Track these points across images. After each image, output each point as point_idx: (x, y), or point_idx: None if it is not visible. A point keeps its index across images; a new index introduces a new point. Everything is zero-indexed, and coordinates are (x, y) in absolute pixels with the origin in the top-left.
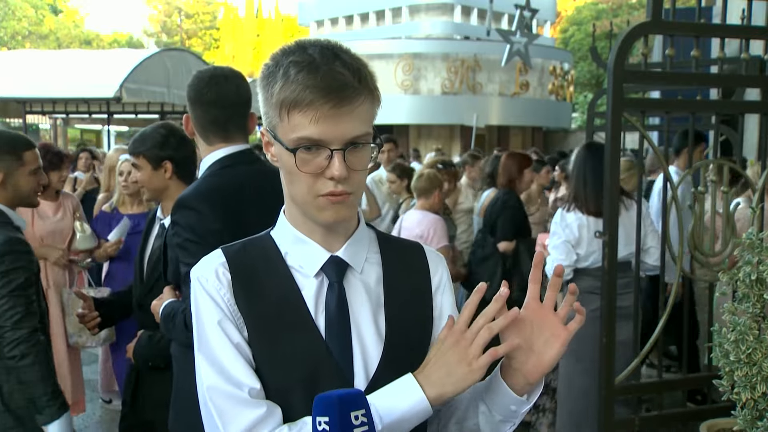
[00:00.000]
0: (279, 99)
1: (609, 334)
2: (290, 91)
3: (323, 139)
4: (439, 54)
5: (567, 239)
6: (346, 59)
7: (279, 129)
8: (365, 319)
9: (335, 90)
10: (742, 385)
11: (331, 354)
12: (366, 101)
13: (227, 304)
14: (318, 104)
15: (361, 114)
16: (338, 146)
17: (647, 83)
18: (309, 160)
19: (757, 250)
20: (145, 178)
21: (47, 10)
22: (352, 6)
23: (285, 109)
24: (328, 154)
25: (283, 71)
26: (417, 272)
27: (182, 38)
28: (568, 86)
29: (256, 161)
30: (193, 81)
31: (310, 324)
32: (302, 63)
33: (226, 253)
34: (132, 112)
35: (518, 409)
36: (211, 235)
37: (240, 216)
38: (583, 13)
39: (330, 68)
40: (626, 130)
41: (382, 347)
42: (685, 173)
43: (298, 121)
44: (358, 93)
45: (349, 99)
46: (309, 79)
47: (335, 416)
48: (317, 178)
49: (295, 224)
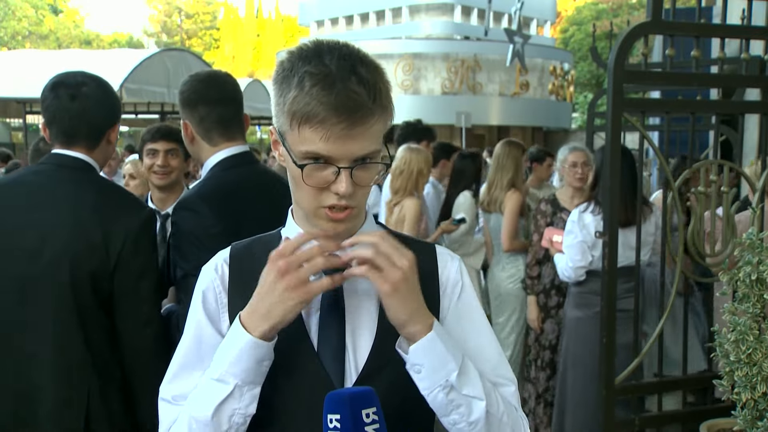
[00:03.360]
0: (291, 110)
1: (609, 335)
2: (304, 104)
3: (332, 156)
4: (439, 54)
5: (584, 240)
6: (363, 74)
7: (288, 136)
8: (362, 319)
9: (349, 110)
10: (743, 385)
11: (316, 353)
12: (379, 121)
13: (217, 296)
14: (330, 123)
15: (373, 133)
16: (346, 164)
17: (647, 83)
18: (315, 174)
19: (757, 250)
20: (178, 166)
21: (47, 10)
22: (353, 6)
23: (296, 121)
24: (335, 170)
25: (298, 80)
26: (423, 273)
27: (182, 38)
28: (568, 86)
29: (257, 162)
30: (190, 84)
31: (297, 323)
32: (318, 75)
33: (232, 249)
34: (132, 112)
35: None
36: (209, 239)
37: (240, 218)
38: (583, 13)
39: (345, 86)
40: (626, 130)
41: (371, 346)
42: (685, 173)
43: (308, 135)
44: (371, 114)
45: (362, 120)
46: (323, 96)
47: (347, 414)
48: (322, 191)
49: (300, 223)
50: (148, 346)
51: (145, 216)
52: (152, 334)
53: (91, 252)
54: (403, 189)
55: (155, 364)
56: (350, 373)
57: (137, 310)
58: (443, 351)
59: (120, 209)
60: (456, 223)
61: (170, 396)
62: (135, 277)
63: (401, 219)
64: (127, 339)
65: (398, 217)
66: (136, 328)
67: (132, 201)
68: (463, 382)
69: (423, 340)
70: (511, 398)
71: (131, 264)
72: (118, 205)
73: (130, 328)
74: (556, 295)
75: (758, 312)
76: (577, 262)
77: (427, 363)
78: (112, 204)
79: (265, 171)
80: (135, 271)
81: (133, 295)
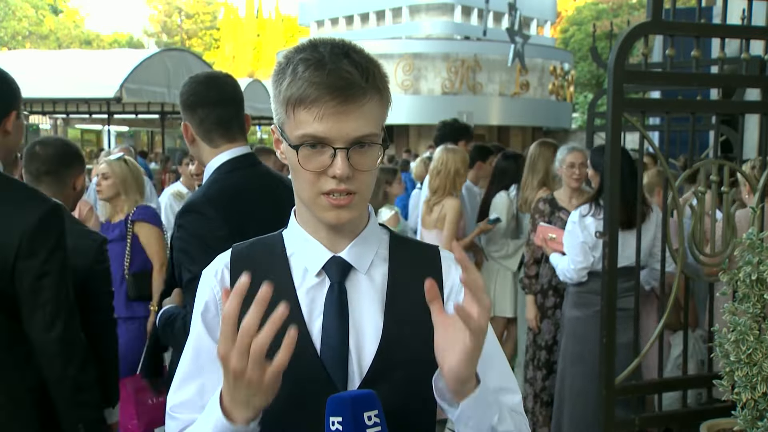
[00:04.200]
0: (286, 96)
1: (609, 335)
2: (296, 87)
3: (327, 137)
4: (439, 54)
5: (585, 240)
6: (355, 58)
7: (286, 126)
8: (366, 322)
9: (340, 87)
10: (743, 385)
11: (318, 356)
12: (373, 101)
13: (218, 302)
14: (323, 101)
15: (367, 113)
16: (342, 145)
17: (647, 83)
18: (312, 157)
19: (757, 250)
20: None
21: (47, 10)
22: (353, 6)
23: (291, 106)
24: (332, 153)
25: (292, 68)
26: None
27: (182, 38)
28: (568, 86)
29: (260, 163)
30: (189, 86)
31: (298, 326)
32: (310, 60)
33: (233, 252)
34: (132, 112)
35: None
36: (216, 242)
37: (246, 221)
38: (583, 13)
39: (337, 66)
40: (626, 130)
41: (375, 351)
42: (685, 173)
43: (303, 117)
44: (364, 92)
45: (354, 97)
46: (315, 76)
47: (348, 416)
48: (320, 176)
49: (303, 223)
50: (55, 350)
51: (45, 211)
52: (57, 337)
53: None
54: (442, 188)
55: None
56: (353, 378)
57: (41, 313)
58: (490, 401)
59: (14, 205)
60: (491, 222)
61: (170, 407)
62: (33, 278)
63: (441, 218)
64: (35, 344)
65: (438, 216)
66: (41, 332)
67: (29, 195)
68: (500, 421)
69: (475, 395)
70: (518, 407)
71: (29, 264)
72: (12, 201)
73: (36, 332)
74: (554, 296)
75: (758, 312)
76: (579, 263)
77: (477, 415)
78: (5, 201)
79: (269, 172)
80: (34, 271)
81: (35, 297)
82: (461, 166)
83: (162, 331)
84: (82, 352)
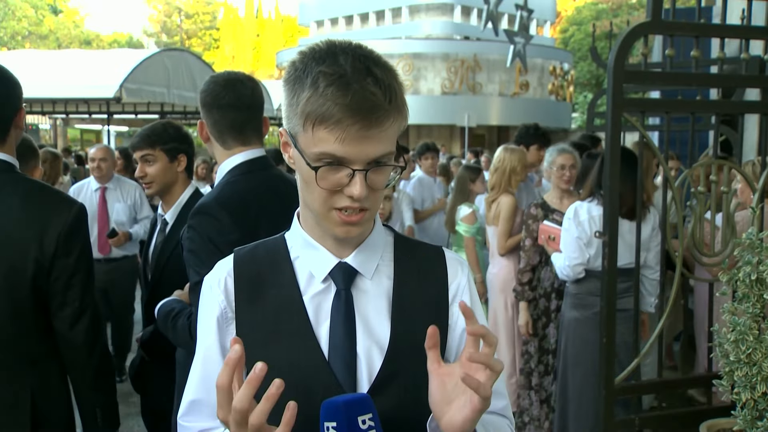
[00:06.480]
0: (305, 110)
1: (609, 335)
2: (318, 105)
3: (347, 158)
4: (439, 54)
5: (579, 236)
6: (378, 74)
7: (300, 138)
8: (373, 327)
9: (366, 111)
10: (742, 385)
11: (326, 363)
12: (394, 123)
13: (222, 311)
14: (346, 124)
15: (387, 135)
16: (361, 166)
17: (647, 83)
18: (329, 176)
19: (757, 250)
20: (159, 171)
21: (47, 10)
22: (352, 6)
23: (310, 122)
24: (350, 173)
25: (312, 80)
26: (433, 279)
27: (182, 38)
28: (568, 86)
29: (272, 166)
30: (208, 85)
31: (307, 332)
32: (333, 76)
33: (236, 258)
34: (132, 112)
35: None
36: (227, 246)
37: (257, 225)
38: (583, 13)
39: (362, 86)
40: (626, 130)
41: (383, 356)
42: (685, 173)
43: (323, 136)
44: (387, 115)
45: (378, 121)
46: (339, 97)
47: (343, 421)
48: (334, 193)
49: (307, 228)
50: (81, 340)
51: (75, 212)
52: (83, 329)
53: (24, 257)
54: (498, 186)
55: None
56: (362, 383)
57: (71, 307)
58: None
59: (48, 209)
60: None
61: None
62: (68, 275)
63: (497, 215)
64: (62, 335)
65: (495, 212)
66: (71, 325)
67: (59, 198)
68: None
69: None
70: (504, 411)
71: (65, 263)
72: (47, 204)
73: (65, 324)
74: (557, 299)
75: (758, 312)
76: (574, 259)
77: None
78: (40, 204)
79: (281, 176)
80: (68, 269)
81: (67, 293)
82: (518, 165)
83: (162, 323)
84: (104, 342)
